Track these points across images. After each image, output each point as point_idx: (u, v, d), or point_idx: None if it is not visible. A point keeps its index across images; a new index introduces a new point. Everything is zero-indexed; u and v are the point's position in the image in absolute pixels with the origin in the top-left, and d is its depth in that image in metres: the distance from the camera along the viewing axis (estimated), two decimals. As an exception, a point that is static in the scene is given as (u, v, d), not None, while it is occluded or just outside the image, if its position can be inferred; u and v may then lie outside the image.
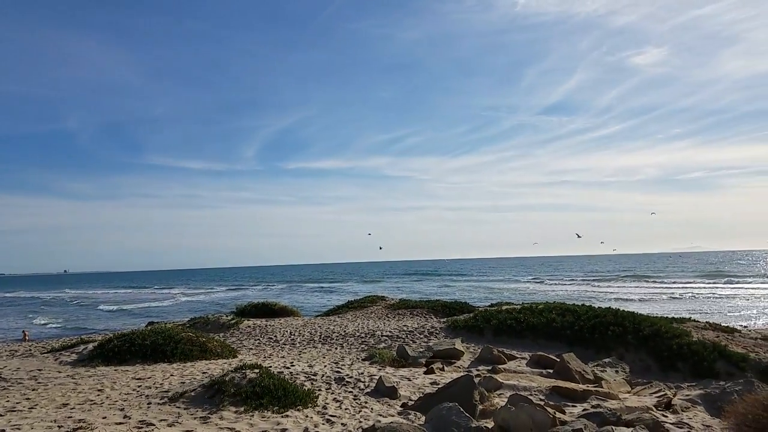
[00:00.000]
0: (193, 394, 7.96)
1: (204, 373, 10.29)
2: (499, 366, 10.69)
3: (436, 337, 15.19)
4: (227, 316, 20.66)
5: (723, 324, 15.99)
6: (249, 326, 18.73)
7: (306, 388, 8.40)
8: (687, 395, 8.69)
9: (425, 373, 10.22)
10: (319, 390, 8.60)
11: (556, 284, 78.42)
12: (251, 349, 15.39)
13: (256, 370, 8.54)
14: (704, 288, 61.85)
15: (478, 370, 10.47)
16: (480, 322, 15.45)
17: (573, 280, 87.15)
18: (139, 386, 9.11)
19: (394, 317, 20.17)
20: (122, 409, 7.37)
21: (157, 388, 8.91)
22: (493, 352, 11.83)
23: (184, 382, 9.18)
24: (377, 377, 9.06)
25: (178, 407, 7.48)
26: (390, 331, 16.23)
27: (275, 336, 16.97)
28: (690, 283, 71.13)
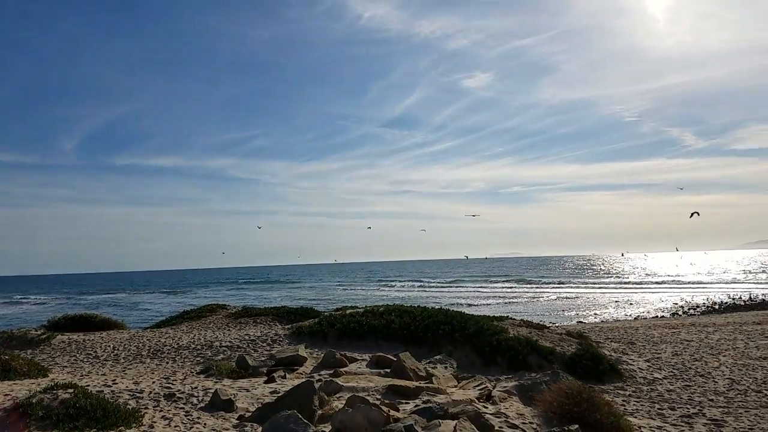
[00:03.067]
0: (-11, 422, 6.85)
1: (6, 395, 8.89)
2: (341, 369, 10.87)
3: (279, 344, 14.97)
4: (36, 330, 18.15)
5: (535, 321, 18.16)
6: (63, 341, 16.64)
7: (130, 407, 7.70)
8: (504, 387, 9.66)
9: (266, 382, 10.01)
10: (146, 408, 7.93)
11: (397, 288, 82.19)
12: (66, 367, 13.70)
13: (71, 390, 7.61)
14: (521, 289, 69.54)
15: (320, 375, 10.54)
16: (324, 327, 15.58)
17: (413, 282, 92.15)
18: None
19: (236, 326, 19.43)
20: None
21: (-59, 418, 7.50)
22: (335, 356, 11.99)
23: (-23, 410, 7.85)
24: (213, 390, 8.65)
25: (-31, 439, 6.39)
26: (230, 341, 15.62)
27: (95, 351, 15.32)
28: (509, 284, 79.51)
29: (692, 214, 28.90)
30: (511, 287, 73.02)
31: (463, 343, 13.51)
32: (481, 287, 75.24)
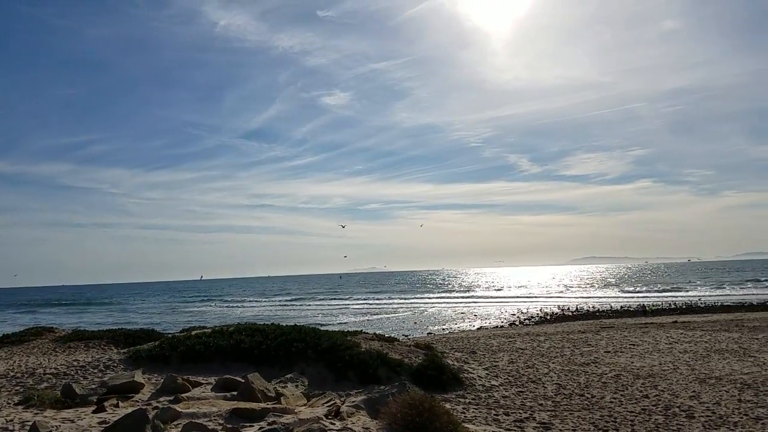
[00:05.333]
0: None
1: None
2: (183, 395, 10.22)
3: (114, 370, 13.67)
4: None
5: (386, 335, 18.77)
6: None
7: None
8: (353, 401, 9.81)
9: (95, 411, 9.09)
10: (-57, 450, 6.82)
11: (252, 305, 79.69)
12: None
13: None
14: (377, 303, 71.44)
15: (158, 402, 9.83)
16: (166, 350, 14.54)
17: (269, 299, 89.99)
18: None
19: (64, 351, 17.42)
20: None
21: None
22: (177, 381, 11.25)
23: None
24: (31, 423, 7.69)
25: None
26: (56, 368, 13.94)
27: None
28: (365, 298, 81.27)
29: None
30: (367, 302, 74.67)
31: (316, 360, 13.49)
32: (338, 303, 75.88)
